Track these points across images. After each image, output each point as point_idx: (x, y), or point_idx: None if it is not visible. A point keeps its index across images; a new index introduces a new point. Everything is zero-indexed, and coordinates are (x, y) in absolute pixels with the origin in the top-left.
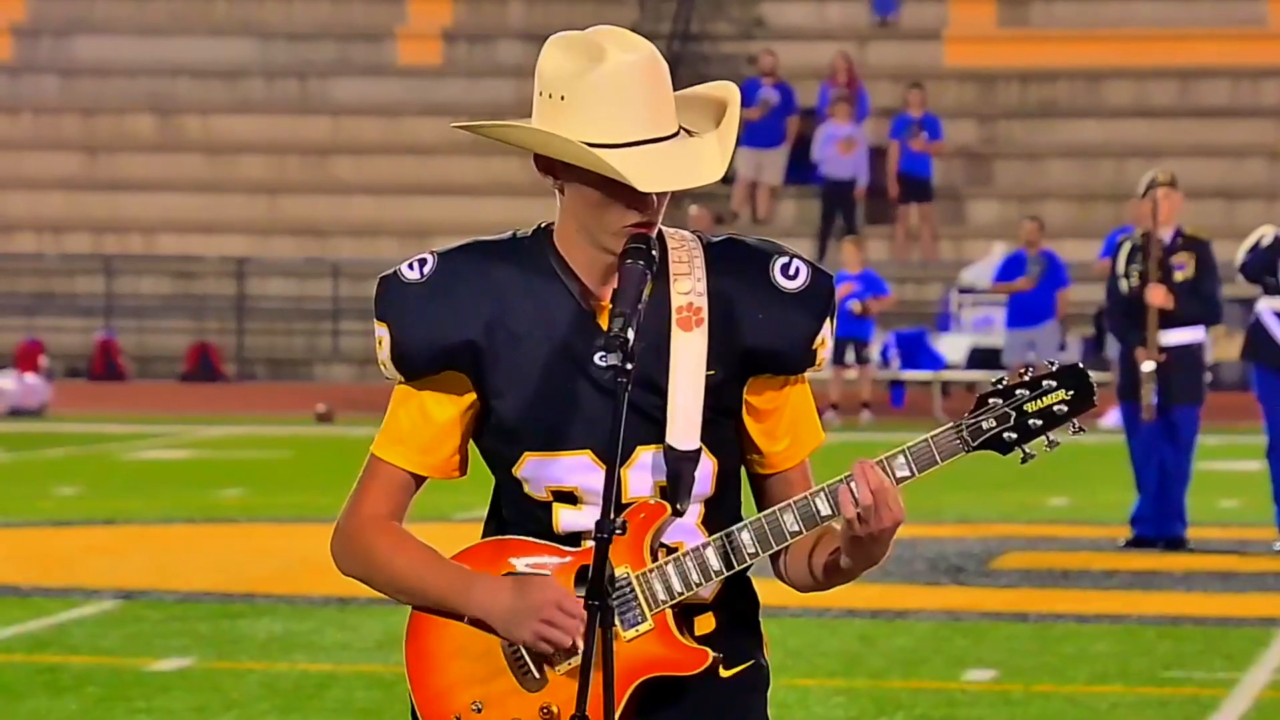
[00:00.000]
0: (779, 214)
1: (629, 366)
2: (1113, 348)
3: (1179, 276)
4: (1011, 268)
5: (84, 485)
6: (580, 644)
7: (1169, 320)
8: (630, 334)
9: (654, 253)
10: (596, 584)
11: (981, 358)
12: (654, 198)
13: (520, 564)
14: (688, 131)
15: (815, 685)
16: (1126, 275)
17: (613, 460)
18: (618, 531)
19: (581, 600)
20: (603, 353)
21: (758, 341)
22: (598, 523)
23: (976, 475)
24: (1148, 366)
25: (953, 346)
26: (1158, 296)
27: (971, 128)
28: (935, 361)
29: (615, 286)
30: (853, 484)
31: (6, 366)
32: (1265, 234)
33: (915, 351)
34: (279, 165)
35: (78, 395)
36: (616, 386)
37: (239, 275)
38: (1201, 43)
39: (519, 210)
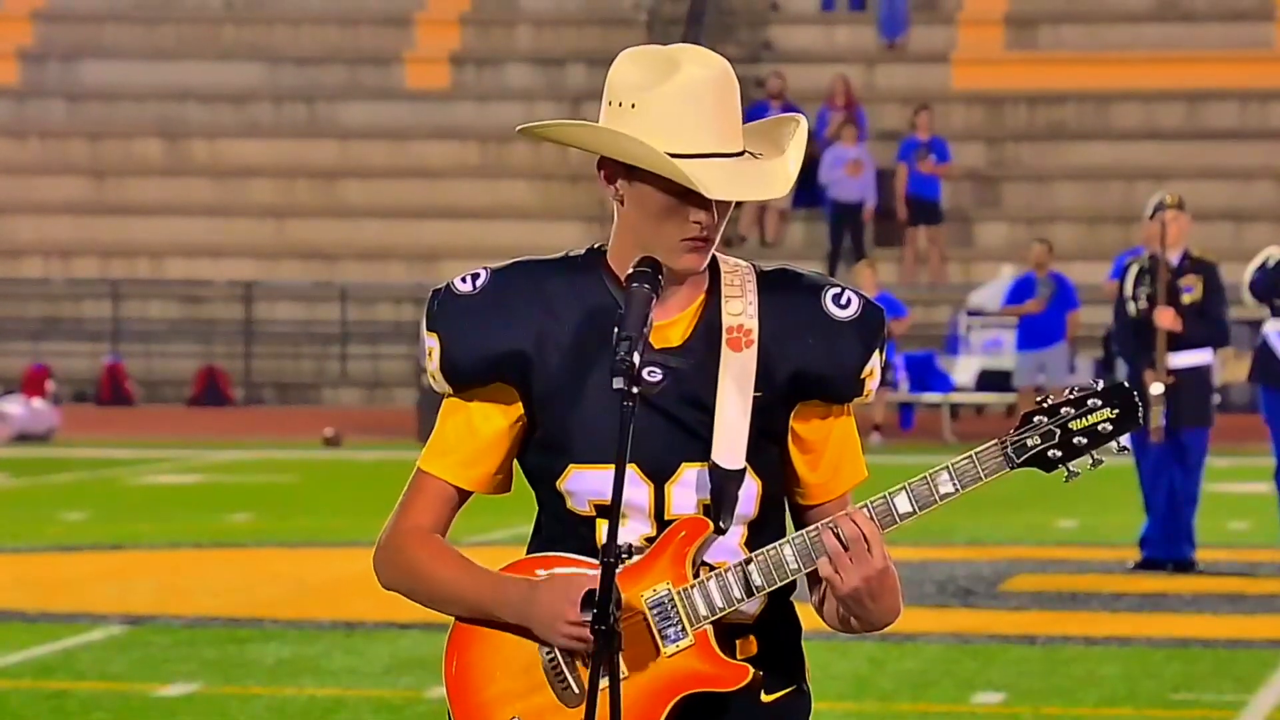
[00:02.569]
0: (788, 236)
1: (635, 390)
2: (1121, 370)
3: (1187, 299)
4: (1021, 290)
5: (91, 510)
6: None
7: (1177, 342)
8: (635, 358)
9: (660, 277)
10: (602, 609)
11: (990, 380)
12: (715, 212)
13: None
14: (752, 154)
15: (825, 708)
16: (1134, 298)
17: (619, 483)
18: (624, 556)
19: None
20: (652, 368)
21: (807, 366)
22: (604, 547)
23: (986, 497)
24: (1156, 389)
25: (962, 369)
26: (1166, 319)
27: (980, 150)
28: (944, 384)
29: (668, 305)
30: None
31: (14, 392)
32: (1272, 255)
33: (924, 374)
34: (287, 189)
35: (85, 420)
36: (622, 410)
37: (247, 299)
38: (1209, 65)
39: (528, 234)
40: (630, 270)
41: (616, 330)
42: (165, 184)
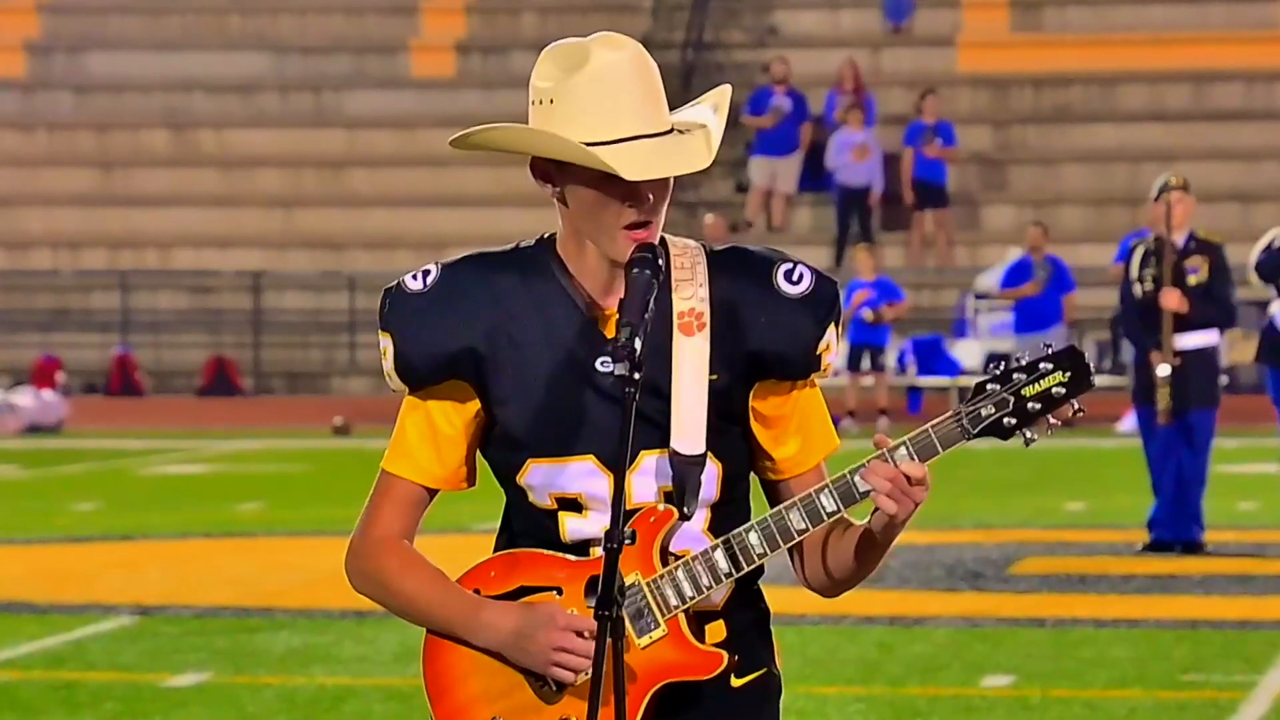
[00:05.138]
0: (794, 222)
1: (637, 376)
2: (1128, 352)
3: (1193, 280)
4: (1018, 273)
5: (101, 501)
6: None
7: (1183, 324)
8: (637, 344)
9: (660, 262)
10: (606, 595)
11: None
12: (649, 195)
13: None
14: (680, 131)
15: (834, 693)
16: (1140, 279)
17: (621, 470)
18: (627, 541)
19: (590, 613)
20: (605, 359)
21: (760, 345)
22: (607, 533)
23: (994, 481)
24: (1163, 370)
25: (969, 352)
26: (1172, 300)
27: (986, 133)
28: (952, 367)
29: (621, 295)
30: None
31: (24, 383)
32: (1278, 235)
33: (932, 357)
34: (294, 179)
35: (95, 411)
36: (624, 397)
37: (255, 289)
38: (1215, 46)
39: (534, 221)
40: (631, 256)
41: (618, 317)
42: (172, 175)
